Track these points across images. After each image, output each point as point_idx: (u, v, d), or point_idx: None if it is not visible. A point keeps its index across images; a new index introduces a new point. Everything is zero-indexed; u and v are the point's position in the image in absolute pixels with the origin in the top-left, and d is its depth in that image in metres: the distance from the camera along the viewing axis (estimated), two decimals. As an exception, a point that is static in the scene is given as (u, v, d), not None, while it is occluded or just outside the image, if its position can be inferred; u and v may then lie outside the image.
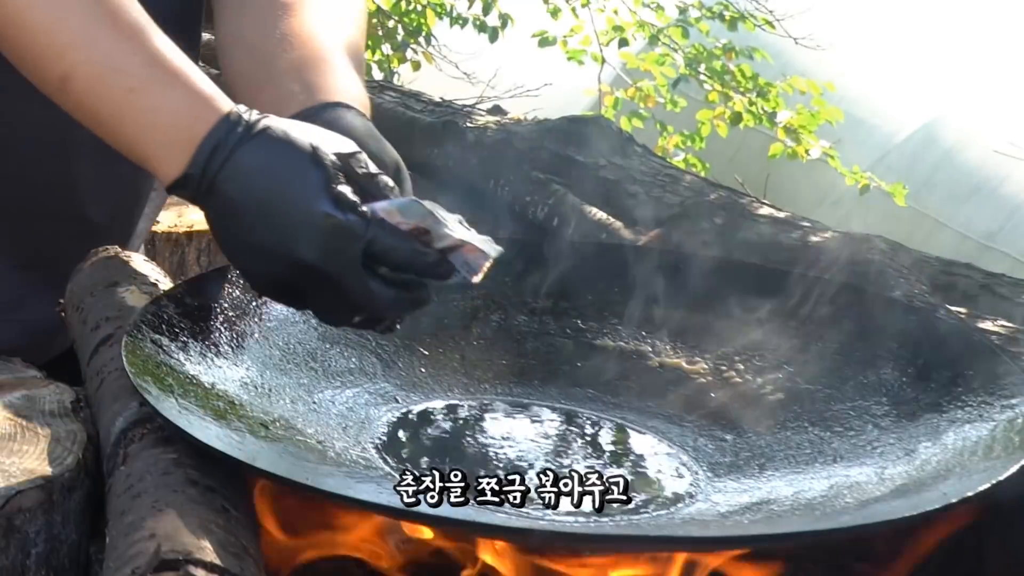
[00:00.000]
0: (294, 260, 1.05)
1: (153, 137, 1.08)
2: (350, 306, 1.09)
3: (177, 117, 1.08)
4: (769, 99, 4.66)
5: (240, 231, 1.08)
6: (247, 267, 1.11)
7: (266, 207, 1.06)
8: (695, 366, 1.34)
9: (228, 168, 1.07)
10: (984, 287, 1.79)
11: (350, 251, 1.05)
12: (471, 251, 1.09)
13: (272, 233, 1.06)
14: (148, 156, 1.10)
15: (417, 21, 5.05)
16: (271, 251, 1.06)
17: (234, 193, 1.07)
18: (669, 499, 1.12)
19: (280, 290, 1.11)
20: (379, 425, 1.21)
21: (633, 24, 4.87)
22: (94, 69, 1.09)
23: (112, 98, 1.09)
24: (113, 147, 1.14)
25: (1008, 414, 1.13)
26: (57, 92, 1.11)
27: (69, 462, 1.04)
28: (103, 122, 1.11)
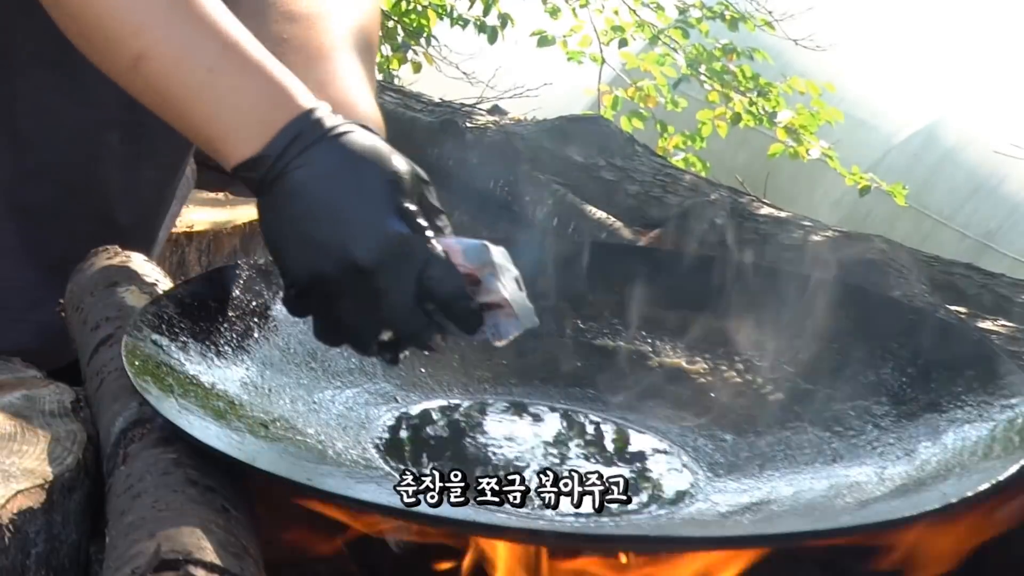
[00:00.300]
0: (349, 261, 1.04)
1: (231, 116, 1.08)
2: (381, 322, 1.08)
3: (259, 100, 1.08)
4: (769, 99, 4.66)
5: (299, 222, 1.06)
6: (293, 260, 1.09)
7: (335, 204, 1.06)
8: (695, 366, 1.34)
9: (305, 157, 1.06)
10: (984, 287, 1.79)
11: (407, 267, 1.06)
12: (507, 315, 1.10)
13: (335, 229, 1.05)
14: (220, 135, 1.08)
15: (417, 22, 5.05)
16: (327, 247, 1.05)
17: (305, 183, 1.06)
18: (669, 499, 1.12)
19: (316, 291, 1.09)
20: (379, 425, 1.21)
21: (633, 24, 4.87)
22: (171, 49, 1.09)
23: (189, 78, 1.08)
24: (174, 125, 1.13)
25: (1008, 414, 1.12)
26: (127, 71, 1.10)
27: (69, 462, 1.04)
28: (174, 102, 1.10)
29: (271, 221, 1.09)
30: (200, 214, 2.01)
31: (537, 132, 2.28)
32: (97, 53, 1.13)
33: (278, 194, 1.07)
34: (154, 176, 1.55)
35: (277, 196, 1.08)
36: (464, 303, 1.08)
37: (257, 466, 0.99)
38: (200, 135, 1.11)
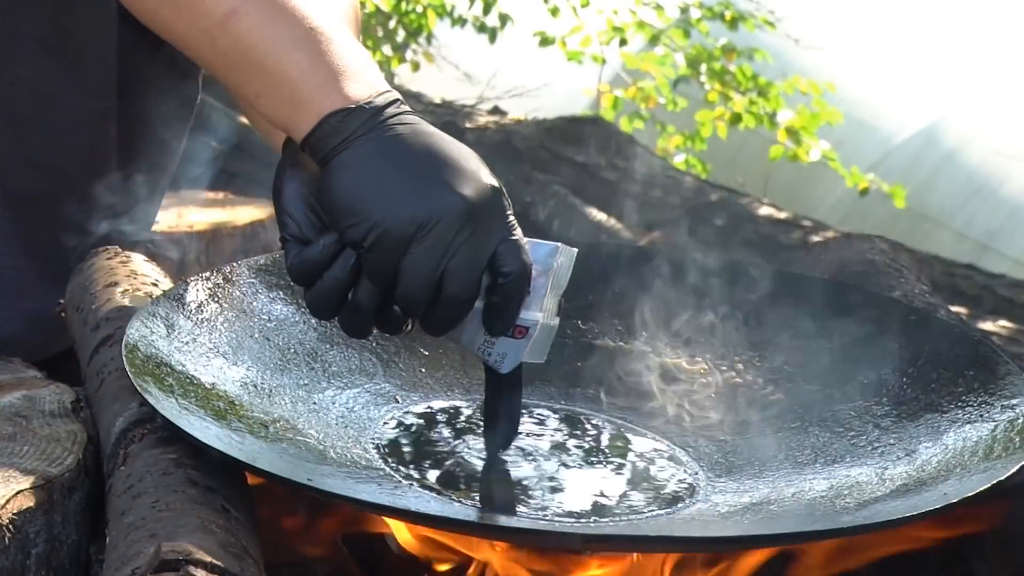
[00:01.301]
0: (451, 200, 1.02)
1: (331, 72, 1.06)
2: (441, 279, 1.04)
3: (363, 60, 1.09)
4: (770, 99, 4.66)
5: (399, 166, 1.04)
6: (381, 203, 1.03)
7: (444, 151, 1.04)
8: (695, 366, 1.34)
9: (409, 116, 1.06)
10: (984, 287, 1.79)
11: (496, 224, 1.04)
12: (520, 345, 1.08)
13: (441, 170, 1.03)
14: (315, 88, 1.06)
15: (417, 22, 5.05)
16: (428, 186, 1.03)
17: (410, 134, 1.05)
18: (669, 499, 1.12)
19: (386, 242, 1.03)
20: (379, 425, 1.21)
21: (633, 24, 4.87)
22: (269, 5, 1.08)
23: (287, 33, 1.08)
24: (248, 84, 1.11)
25: (1008, 414, 1.13)
26: (216, 27, 1.09)
27: (69, 462, 1.04)
28: (262, 57, 1.08)
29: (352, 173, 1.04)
30: (200, 214, 2.01)
31: (537, 132, 2.29)
32: (175, 11, 1.12)
33: (374, 141, 1.04)
34: (148, 166, 1.55)
35: (372, 143, 1.04)
36: (518, 293, 1.06)
37: (257, 466, 0.99)
38: (283, 92, 1.08)
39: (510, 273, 1.05)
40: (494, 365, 1.11)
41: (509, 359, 1.10)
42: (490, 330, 1.08)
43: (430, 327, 1.08)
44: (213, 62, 1.13)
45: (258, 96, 1.10)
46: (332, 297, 1.06)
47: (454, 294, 1.04)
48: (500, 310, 1.06)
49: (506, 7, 4.83)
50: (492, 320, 1.07)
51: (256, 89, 1.10)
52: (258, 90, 1.10)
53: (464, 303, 1.05)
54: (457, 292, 1.04)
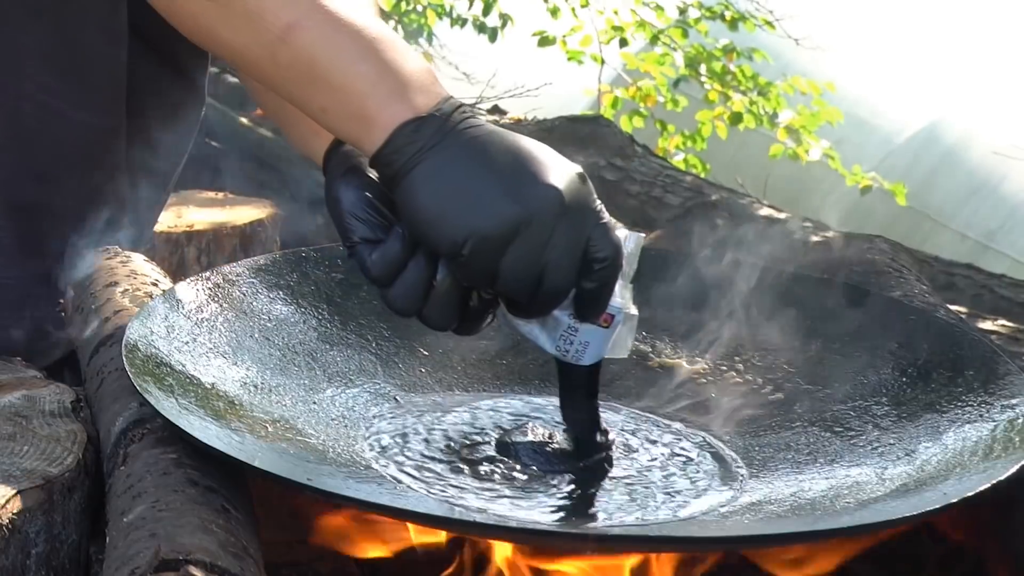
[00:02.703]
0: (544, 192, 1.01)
1: (398, 83, 1.05)
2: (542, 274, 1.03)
3: (424, 69, 1.07)
4: (770, 99, 4.66)
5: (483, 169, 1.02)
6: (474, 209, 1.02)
7: (522, 145, 1.03)
8: (695, 366, 1.34)
9: (476, 119, 1.05)
10: (984, 287, 1.79)
11: (590, 212, 1.04)
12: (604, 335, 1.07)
13: (526, 165, 1.02)
14: (383, 100, 1.04)
15: (417, 21, 5.06)
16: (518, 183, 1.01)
17: (483, 135, 1.03)
18: (668, 499, 1.12)
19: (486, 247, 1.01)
20: (379, 425, 1.21)
21: (633, 24, 4.87)
22: (330, 18, 1.06)
23: (351, 45, 1.06)
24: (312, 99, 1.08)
25: (1008, 414, 1.13)
26: (276, 42, 1.07)
27: (69, 462, 1.04)
28: (326, 70, 1.06)
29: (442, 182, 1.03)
30: (200, 214, 2.01)
31: (537, 132, 2.28)
32: (231, 28, 1.09)
33: (449, 149, 1.02)
34: (154, 176, 1.55)
35: (447, 151, 1.02)
36: (613, 277, 1.06)
37: (257, 466, 0.99)
38: (351, 106, 1.06)
39: (605, 258, 1.04)
40: (574, 358, 1.09)
41: (591, 350, 1.09)
42: (582, 316, 1.07)
43: (522, 314, 1.08)
44: (275, 78, 1.10)
45: (324, 111, 1.08)
46: (417, 292, 1.05)
47: (555, 287, 1.04)
48: (595, 295, 1.06)
49: (506, 7, 4.83)
50: (585, 305, 1.07)
51: (321, 104, 1.08)
52: (324, 104, 1.07)
53: (564, 293, 1.05)
54: (558, 284, 1.04)
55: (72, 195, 1.45)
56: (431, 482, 1.10)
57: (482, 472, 1.12)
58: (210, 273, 1.31)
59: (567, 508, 1.08)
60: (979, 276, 1.84)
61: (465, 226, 1.01)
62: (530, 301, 1.05)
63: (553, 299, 1.05)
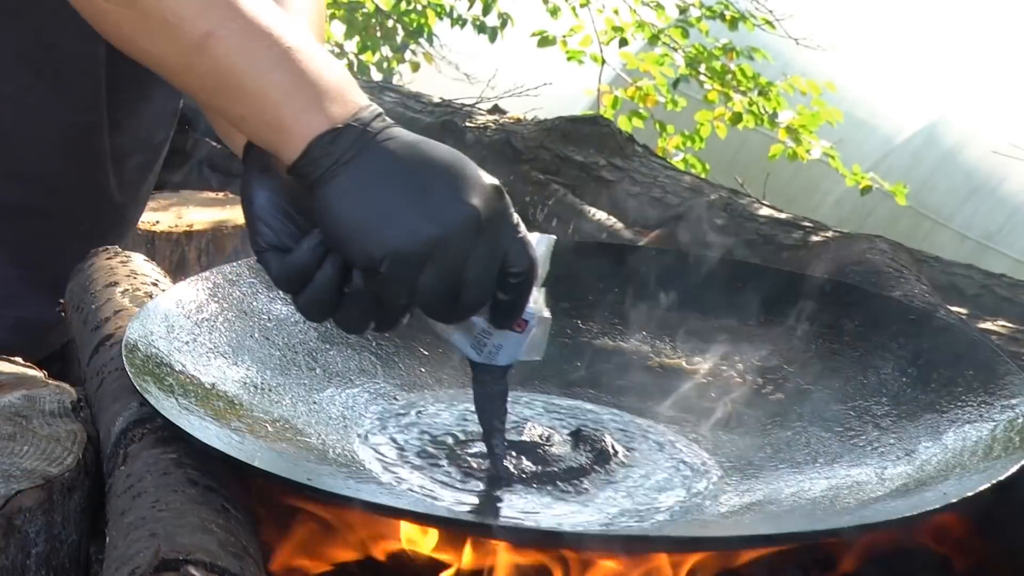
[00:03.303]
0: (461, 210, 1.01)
1: (314, 87, 1.04)
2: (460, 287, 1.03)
3: (343, 77, 1.07)
4: (770, 99, 4.66)
5: (400, 185, 1.02)
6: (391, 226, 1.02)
7: (439, 160, 1.03)
8: (695, 366, 1.34)
9: (393, 130, 1.04)
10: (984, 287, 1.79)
11: (506, 225, 1.04)
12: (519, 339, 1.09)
13: (443, 182, 1.02)
14: (299, 108, 1.04)
15: (417, 21, 5.06)
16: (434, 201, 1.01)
17: (401, 148, 1.03)
18: (668, 499, 1.12)
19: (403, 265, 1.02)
20: (379, 425, 1.21)
21: (633, 24, 4.87)
22: (246, 26, 1.05)
23: (266, 55, 1.05)
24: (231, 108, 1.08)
25: (1008, 414, 1.13)
26: (193, 51, 1.06)
27: (69, 462, 1.04)
28: (245, 78, 1.06)
29: (351, 197, 1.02)
30: (200, 214, 2.01)
31: (537, 132, 2.28)
32: (151, 38, 1.09)
33: (366, 163, 1.02)
34: (137, 170, 1.55)
35: (364, 166, 1.02)
36: (527, 289, 1.06)
37: (257, 466, 0.99)
38: (267, 115, 1.06)
39: (521, 272, 1.05)
40: (487, 359, 1.11)
41: (505, 352, 1.10)
42: (498, 323, 1.08)
43: (438, 321, 1.09)
44: (194, 87, 1.10)
45: (242, 119, 1.08)
46: (327, 299, 1.05)
47: (471, 302, 1.05)
48: (511, 306, 1.07)
49: (506, 7, 4.83)
50: (501, 315, 1.08)
51: (239, 112, 1.07)
52: (241, 113, 1.07)
53: (479, 306, 1.06)
54: (475, 300, 1.05)
55: (56, 192, 1.45)
56: (430, 482, 1.10)
57: (480, 472, 1.12)
58: (210, 273, 1.31)
59: (565, 508, 1.08)
60: (979, 276, 1.83)
61: (382, 244, 1.01)
62: (447, 313, 1.06)
63: (469, 312, 1.06)
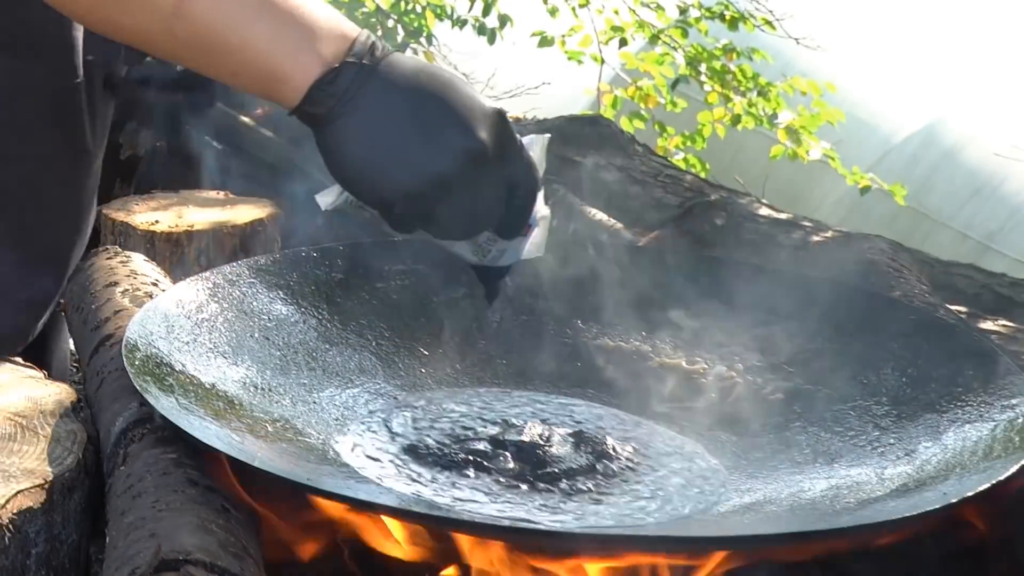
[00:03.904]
0: (468, 145, 1.02)
1: (300, 34, 1.03)
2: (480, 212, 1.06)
3: (328, 13, 1.05)
4: (770, 99, 4.66)
5: (405, 123, 1.02)
6: (402, 168, 1.02)
7: (440, 92, 1.03)
8: (695, 366, 1.34)
9: (391, 58, 1.04)
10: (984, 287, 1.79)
11: (511, 141, 1.05)
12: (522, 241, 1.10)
13: (448, 117, 1.02)
14: (287, 56, 1.03)
15: (417, 21, 5.05)
16: (442, 138, 1.02)
17: (402, 80, 1.03)
18: (668, 499, 1.12)
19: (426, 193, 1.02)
20: (379, 425, 1.21)
21: (633, 24, 4.87)
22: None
23: (244, 6, 1.03)
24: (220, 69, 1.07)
25: (1008, 414, 1.13)
26: (170, 18, 1.04)
27: (69, 462, 1.04)
28: (227, 36, 1.04)
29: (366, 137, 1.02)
30: (200, 214, 2.01)
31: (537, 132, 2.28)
32: (125, 12, 1.07)
33: (371, 99, 1.02)
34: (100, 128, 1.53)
35: (370, 102, 1.02)
36: (531, 204, 1.08)
37: (257, 466, 0.99)
38: (259, 66, 1.04)
39: (527, 192, 1.07)
40: (490, 262, 1.12)
41: (508, 255, 1.12)
42: (505, 235, 1.10)
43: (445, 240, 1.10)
44: (178, 53, 1.09)
45: (234, 75, 1.07)
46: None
47: (482, 225, 1.08)
48: (516, 220, 1.09)
49: (505, 7, 4.83)
50: (507, 228, 1.09)
51: (230, 70, 1.06)
52: (232, 69, 1.06)
53: (488, 227, 1.08)
54: (485, 223, 1.07)
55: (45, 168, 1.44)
56: (430, 481, 1.10)
57: (479, 472, 1.12)
58: (210, 273, 1.31)
59: (565, 508, 1.08)
60: (979, 276, 1.83)
61: (394, 185, 1.02)
62: (457, 236, 1.09)
63: (479, 232, 1.09)
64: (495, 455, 1.14)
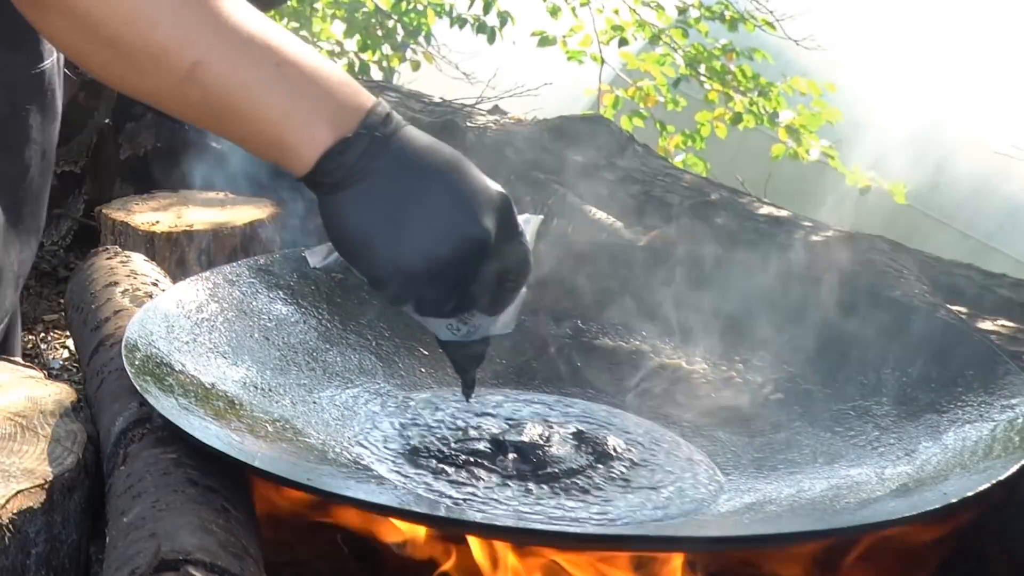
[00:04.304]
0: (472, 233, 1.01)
1: (311, 105, 1.02)
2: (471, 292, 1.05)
3: (343, 80, 1.05)
4: (770, 99, 4.66)
5: (412, 202, 1.01)
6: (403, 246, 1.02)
7: (450, 173, 1.03)
8: (695, 366, 1.34)
9: (404, 132, 1.03)
10: (984, 287, 1.79)
11: (512, 227, 1.05)
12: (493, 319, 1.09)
13: (454, 201, 1.02)
14: (297, 126, 1.02)
15: (417, 21, 5.05)
16: (446, 222, 1.01)
17: (413, 158, 1.02)
18: (668, 499, 1.12)
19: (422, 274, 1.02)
20: (379, 425, 1.21)
21: (633, 24, 4.87)
22: (232, 50, 1.03)
23: (257, 74, 1.03)
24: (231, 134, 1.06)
25: (1008, 414, 1.13)
26: (180, 83, 1.04)
27: (69, 462, 1.04)
28: (239, 103, 1.03)
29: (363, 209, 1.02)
30: (200, 214, 2.01)
31: (537, 132, 2.28)
32: (139, 73, 1.06)
33: (380, 173, 1.02)
34: None
35: (379, 175, 1.02)
36: (519, 289, 1.08)
37: (257, 466, 0.99)
38: (269, 135, 1.04)
39: (517, 278, 1.07)
40: (462, 338, 1.11)
41: (481, 330, 1.11)
42: (488, 312, 1.09)
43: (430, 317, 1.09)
44: (190, 115, 1.08)
45: (244, 140, 1.06)
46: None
47: (468, 307, 1.06)
48: (502, 300, 1.08)
49: (506, 7, 4.83)
50: (492, 306, 1.08)
51: (240, 135, 1.06)
52: (242, 135, 1.06)
53: (475, 307, 1.07)
54: (472, 306, 1.06)
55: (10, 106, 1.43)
56: (429, 481, 1.10)
57: (480, 472, 1.12)
58: (210, 273, 1.31)
59: (566, 508, 1.08)
60: (980, 276, 1.83)
61: (392, 262, 1.01)
62: (443, 314, 1.07)
63: (465, 311, 1.08)
64: (495, 455, 1.15)
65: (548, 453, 1.15)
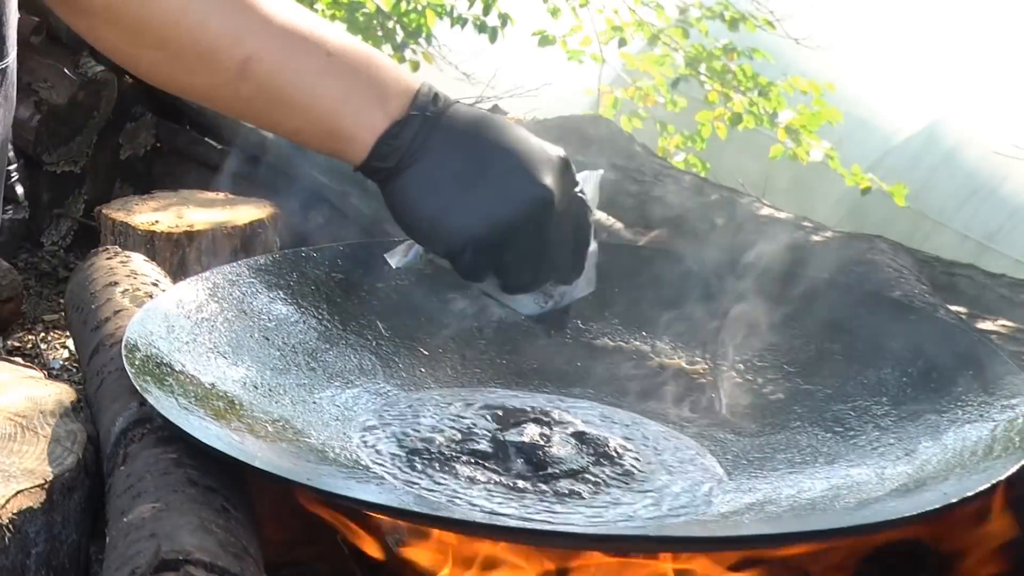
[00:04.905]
0: (535, 192, 1.02)
1: (365, 91, 1.03)
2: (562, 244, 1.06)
3: (388, 64, 1.06)
4: (770, 99, 4.66)
5: (472, 171, 1.02)
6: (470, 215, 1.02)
7: (506, 140, 1.03)
8: (695, 366, 1.34)
9: (453, 110, 1.04)
10: (984, 287, 1.79)
11: (572, 187, 1.06)
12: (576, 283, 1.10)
13: (514, 164, 1.02)
14: (352, 113, 1.03)
15: (417, 21, 5.05)
16: (509, 186, 1.02)
17: (466, 129, 1.03)
18: (668, 499, 1.12)
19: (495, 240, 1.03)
20: (379, 425, 1.21)
21: (633, 24, 4.87)
22: (283, 45, 1.04)
23: (309, 65, 1.04)
24: (285, 127, 1.07)
25: (1008, 414, 1.13)
26: (233, 79, 1.05)
27: (69, 462, 1.04)
28: (294, 95, 1.04)
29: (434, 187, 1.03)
30: (200, 214, 2.01)
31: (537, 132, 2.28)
32: (189, 73, 1.07)
33: (436, 150, 1.02)
34: None
35: (435, 153, 1.02)
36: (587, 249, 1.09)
37: (257, 466, 0.99)
38: (325, 125, 1.05)
39: (584, 236, 1.08)
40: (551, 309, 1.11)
41: (567, 296, 1.11)
42: (566, 280, 1.10)
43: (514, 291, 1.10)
44: (243, 111, 1.09)
45: (298, 132, 1.07)
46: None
47: (550, 275, 1.08)
48: (577, 263, 1.09)
49: (506, 7, 4.83)
50: (569, 271, 1.09)
51: (294, 127, 1.07)
52: (296, 127, 1.07)
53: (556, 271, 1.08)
54: (553, 272, 1.07)
55: None
56: (429, 482, 1.10)
57: (480, 472, 1.12)
58: (210, 273, 1.31)
59: (566, 508, 1.08)
60: (979, 276, 1.83)
61: (462, 232, 1.02)
62: (526, 286, 1.08)
63: (547, 280, 1.08)
64: (496, 455, 1.15)
65: (549, 453, 1.15)
